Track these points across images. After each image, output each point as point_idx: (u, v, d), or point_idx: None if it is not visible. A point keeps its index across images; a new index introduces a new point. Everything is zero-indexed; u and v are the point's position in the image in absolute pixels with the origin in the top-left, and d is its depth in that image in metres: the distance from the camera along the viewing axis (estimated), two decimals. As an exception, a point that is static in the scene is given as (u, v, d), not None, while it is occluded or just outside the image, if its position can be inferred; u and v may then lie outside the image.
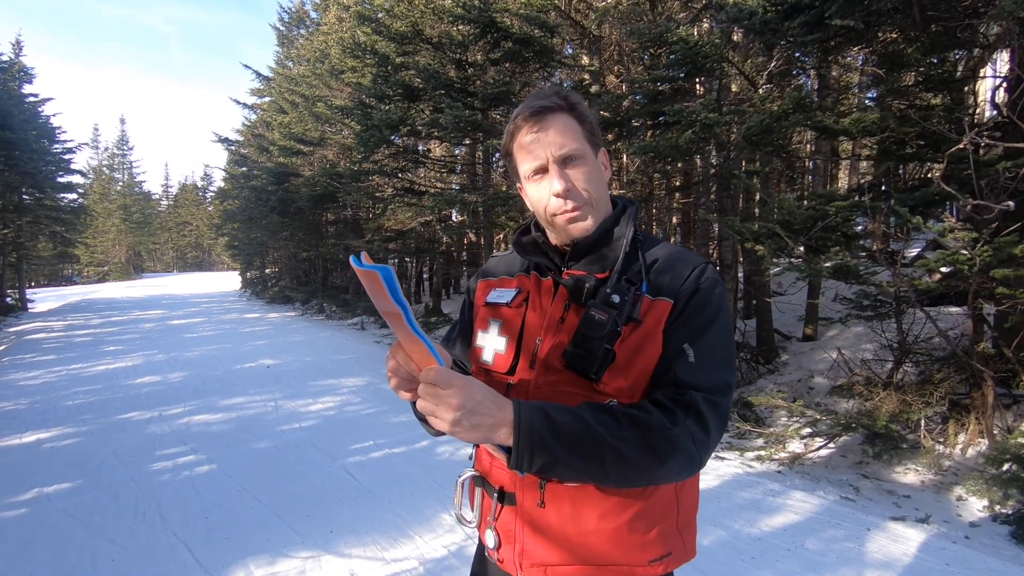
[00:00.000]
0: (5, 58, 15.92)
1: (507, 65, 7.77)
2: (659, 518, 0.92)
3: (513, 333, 1.01)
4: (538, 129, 0.93)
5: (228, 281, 33.08)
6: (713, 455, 3.20)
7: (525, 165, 0.96)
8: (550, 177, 0.94)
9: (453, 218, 12.15)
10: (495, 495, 0.99)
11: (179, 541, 2.91)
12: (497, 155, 10.53)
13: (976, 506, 3.33)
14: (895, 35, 4.83)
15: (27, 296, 18.50)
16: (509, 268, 1.12)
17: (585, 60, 7.91)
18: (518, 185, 1.04)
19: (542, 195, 0.95)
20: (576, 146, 0.93)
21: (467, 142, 8.89)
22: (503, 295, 1.06)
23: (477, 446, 1.15)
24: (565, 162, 0.93)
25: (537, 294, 1.02)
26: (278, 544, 2.86)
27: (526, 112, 0.94)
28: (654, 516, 0.92)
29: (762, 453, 4.18)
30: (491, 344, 1.03)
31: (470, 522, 1.04)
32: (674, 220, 11.80)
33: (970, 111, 4.38)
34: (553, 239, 1.02)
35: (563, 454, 0.79)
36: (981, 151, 3.91)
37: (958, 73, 4.90)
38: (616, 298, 0.89)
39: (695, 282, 0.92)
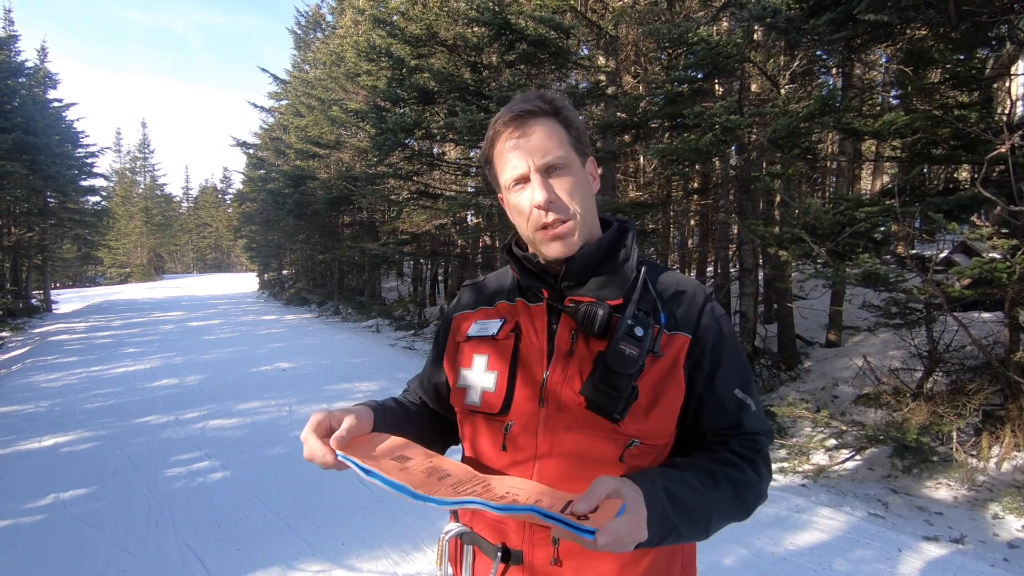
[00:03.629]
0: (30, 64, 16.25)
1: (522, 67, 7.69)
2: (669, 560, 0.89)
3: (504, 368, 0.90)
4: (520, 135, 0.85)
5: (246, 282, 33.46)
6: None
7: (506, 174, 0.87)
8: (532, 186, 0.85)
9: (468, 221, 12.11)
10: (496, 554, 0.87)
11: (190, 551, 2.88)
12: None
13: (1014, 525, 3.17)
14: (923, 32, 4.66)
15: (51, 297, 18.91)
16: (488, 298, 1.01)
17: (601, 61, 7.80)
18: (499, 196, 0.95)
19: (523, 207, 0.86)
20: (561, 153, 0.85)
21: (482, 145, 8.84)
22: (488, 327, 0.95)
23: None
24: (548, 171, 0.85)
25: (529, 321, 0.92)
26: (289, 556, 2.81)
27: (507, 116, 0.86)
28: (665, 558, 0.88)
29: (785, 465, 4.05)
30: (478, 383, 0.92)
31: None
32: (692, 223, 11.64)
33: (1006, 111, 4.19)
34: (541, 257, 0.91)
35: (679, 525, 0.77)
36: (1015, 152, 3.74)
37: (987, 71, 4.71)
38: (640, 331, 0.81)
39: (713, 319, 0.89)
